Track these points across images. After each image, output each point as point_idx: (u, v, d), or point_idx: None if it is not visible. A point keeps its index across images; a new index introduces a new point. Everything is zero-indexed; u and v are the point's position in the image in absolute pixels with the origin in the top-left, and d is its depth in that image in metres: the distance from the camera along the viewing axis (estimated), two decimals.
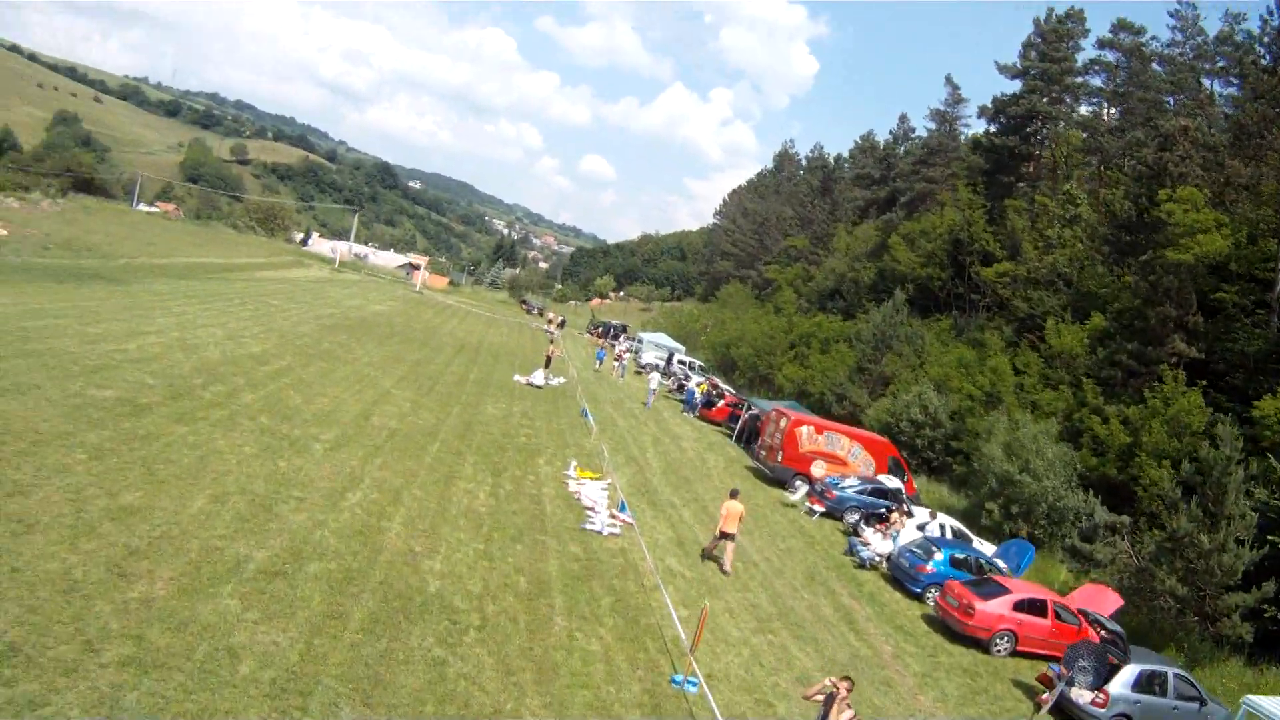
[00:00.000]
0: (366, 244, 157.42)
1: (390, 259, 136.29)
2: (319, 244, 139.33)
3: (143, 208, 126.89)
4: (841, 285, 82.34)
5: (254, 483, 18.89)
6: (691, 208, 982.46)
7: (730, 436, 48.67)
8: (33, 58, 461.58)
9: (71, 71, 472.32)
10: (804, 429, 38.63)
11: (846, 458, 38.76)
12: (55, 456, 16.95)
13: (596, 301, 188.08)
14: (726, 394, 57.56)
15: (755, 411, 47.50)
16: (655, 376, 56.11)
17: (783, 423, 38.80)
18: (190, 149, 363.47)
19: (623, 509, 25.58)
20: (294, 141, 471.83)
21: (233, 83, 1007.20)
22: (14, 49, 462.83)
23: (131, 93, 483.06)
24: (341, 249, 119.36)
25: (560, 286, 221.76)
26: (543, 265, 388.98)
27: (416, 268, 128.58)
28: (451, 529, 20.12)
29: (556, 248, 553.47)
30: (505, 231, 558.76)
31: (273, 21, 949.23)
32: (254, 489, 18.54)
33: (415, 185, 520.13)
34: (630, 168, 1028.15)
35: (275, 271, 69.79)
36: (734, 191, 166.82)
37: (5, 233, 45.03)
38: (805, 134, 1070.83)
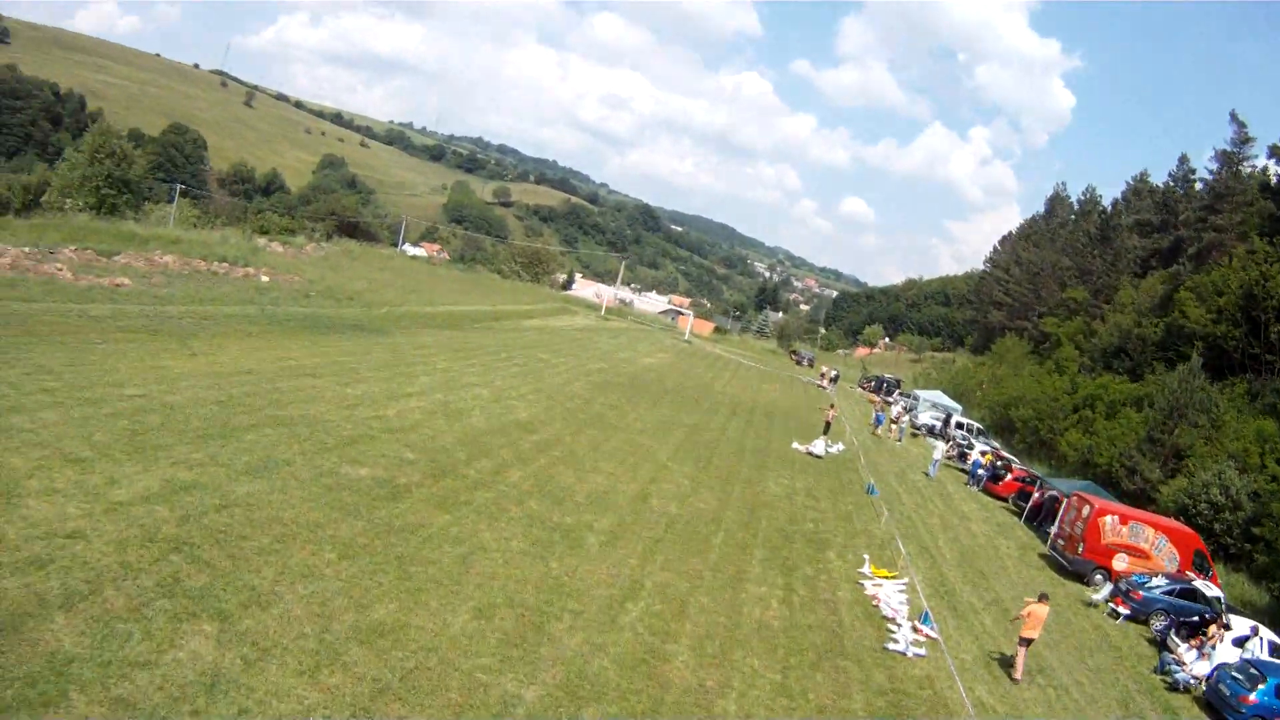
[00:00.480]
0: (630, 285, 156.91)
1: (655, 303, 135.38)
2: (583, 286, 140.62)
3: (408, 249, 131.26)
4: (1127, 343, 75.59)
5: (523, 590, 16.36)
6: (953, 250, 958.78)
7: (1019, 516, 44.61)
8: (299, 105, 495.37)
9: (338, 118, 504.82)
10: (1108, 519, 34.55)
11: (1151, 551, 34.63)
12: (301, 555, 14.89)
13: (864, 350, 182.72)
14: (1013, 466, 53.05)
15: (1053, 493, 43.43)
16: (940, 446, 52.51)
17: (1085, 510, 34.94)
18: (454, 192, 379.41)
19: (925, 620, 22.03)
20: (556, 184, 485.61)
21: (495, 127, 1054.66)
22: (281, 97, 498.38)
23: (396, 137, 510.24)
24: (607, 294, 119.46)
25: (825, 332, 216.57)
26: (804, 308, 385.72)
27: (681, 313, 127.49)
28: (744, 653, 17.01)
29: (818, 290, 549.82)
30: (767, 274, 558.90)
31: (533, 70, 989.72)
32: (523, 599, 15.99)
33: (677, 228, 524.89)
34: (890, 209, 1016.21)
35: (542, 320, 69.20)
36: (1005, 238, 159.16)
37: (268, 279, 45.07)
38: (1065, 172, 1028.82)
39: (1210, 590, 31.66)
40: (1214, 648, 26.25)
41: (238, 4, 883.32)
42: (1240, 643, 27.30)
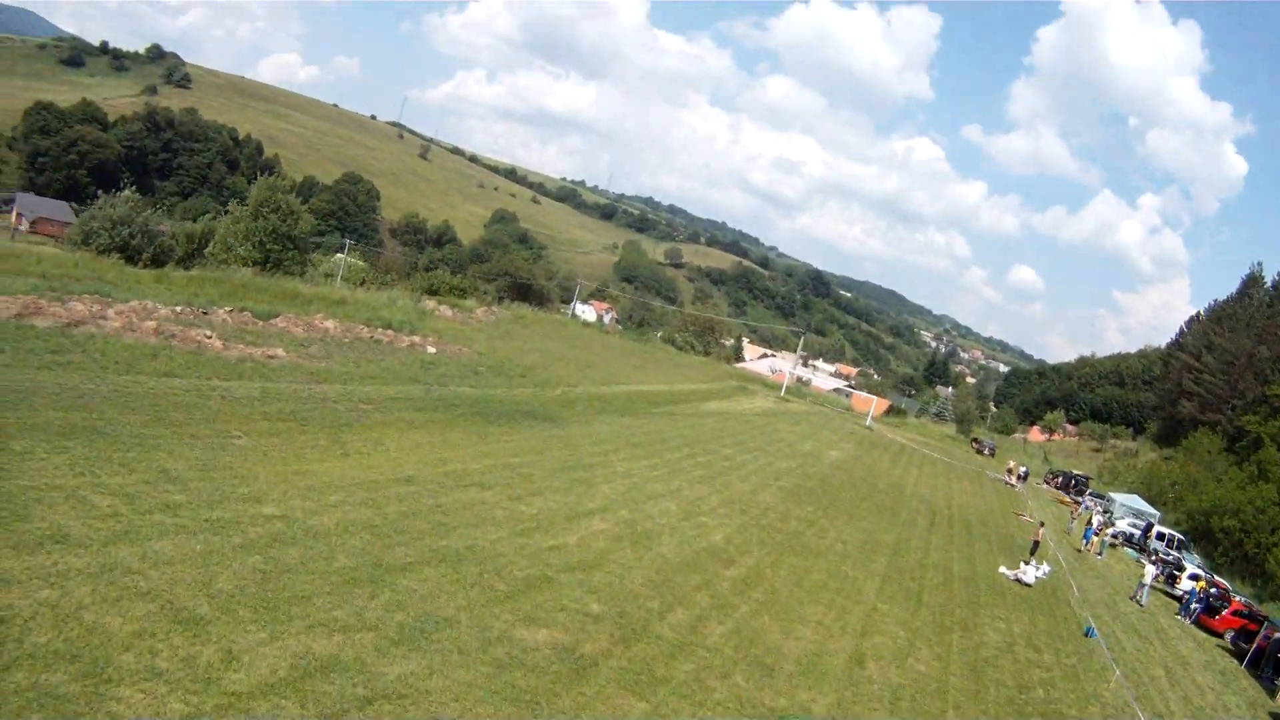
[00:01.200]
0: (799, 352, 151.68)
1: (824, 376, 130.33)
2: (751, 352, 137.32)
3: (577, 306, 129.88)
4: None
5: None
6: (1120, 323, 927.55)
7: (1238, 659, 39.15)
8: (474, 159, 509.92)
9: (511, 173, 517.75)
10: None
11: None
12: None
13: (1038, 434, 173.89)
14: (1232, 597, 47.67)
15: None
16: (1150, 569, 47.83)
17: None
18: (625, 250, 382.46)
19: None
20: (726, 247, 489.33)
21: (665, 187, 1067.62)
22: (457, 150, 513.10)
23: (568, 195, 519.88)
24: (782, 368, 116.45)
25: (996, 410, 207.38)
26: (970, 379, 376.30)
27: (854, 391, 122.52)
28: None
29: (985, 362, 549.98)
30: (933, 344, 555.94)
31: (704, 131, 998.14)
32: None
33: (845, 293, 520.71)
34: (1057, 278, 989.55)
35: (721, 403, 66.08)
36: (1192, 319, 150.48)
37: (434, 350, 43.02)
38: (1234, 243, 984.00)
39: None
40: None
41: (415, 59, 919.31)
42: None
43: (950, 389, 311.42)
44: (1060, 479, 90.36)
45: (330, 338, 39.96)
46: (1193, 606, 45.39)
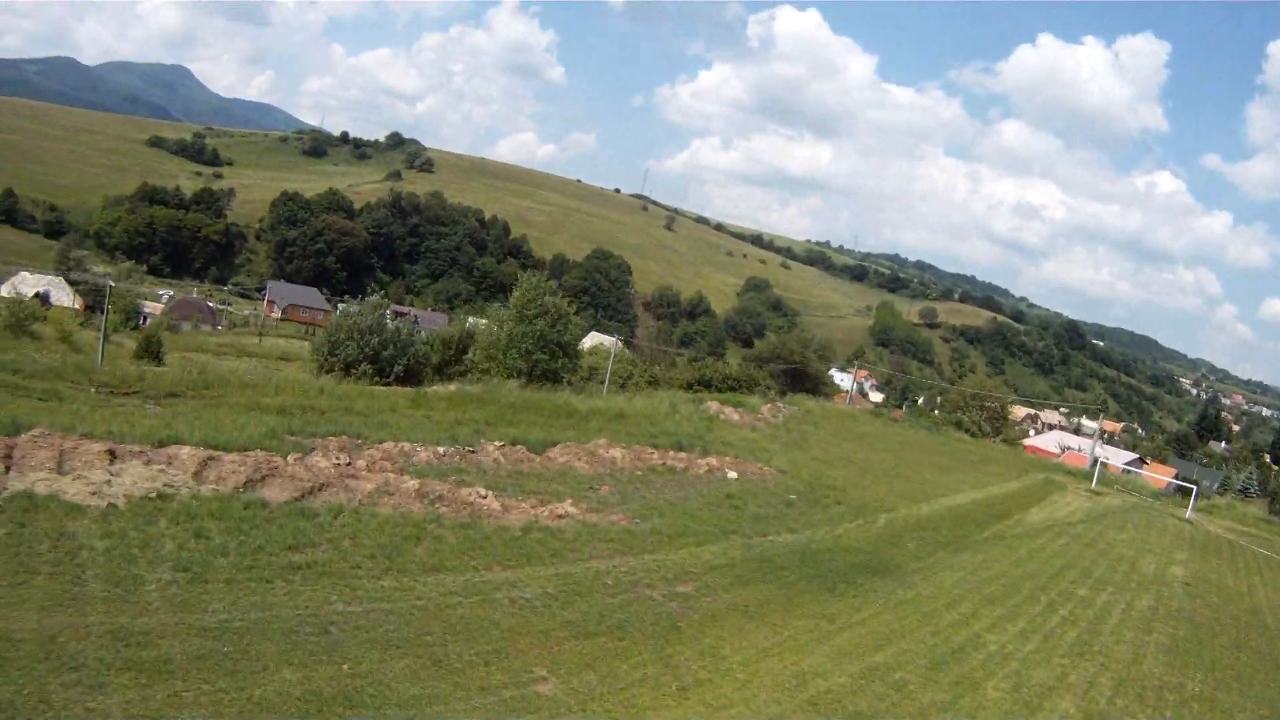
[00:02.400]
0: (1060, 411, 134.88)
1: (1118, 454, 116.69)
2: (1016, 414, 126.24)
3: (834, 376, 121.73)
4: None
5: None
6: None
7: None
8: (719, 227, 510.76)
9: (758, 239, 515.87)
10: None
11: None
12: None
13: None
14: None
15: None
16: None
17: None
18: (879, 313, 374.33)
19: None
20: (979, 302, 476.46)
21: (908, 242, 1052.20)
22: (702, 220, 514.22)
23: (817, 258, 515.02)
24: (1069, 444, 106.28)
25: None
26: (1235, 427, 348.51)
27: (1143, 461, 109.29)
28: None
29: (1247, 407, 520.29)
30: (1194, 391, 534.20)
31: (943, 184, 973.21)
32: None
33: (1098, 342, 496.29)
34: None
35: (1040, 510, 56.73)
36: None
37: (735, 474, 36.28)
38: None
39: None
40: None
41: (651, 131, 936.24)
42: None
43: (1224, 444, 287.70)
44: None
45: (619, 470, 33.65)
46: None
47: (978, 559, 38.32)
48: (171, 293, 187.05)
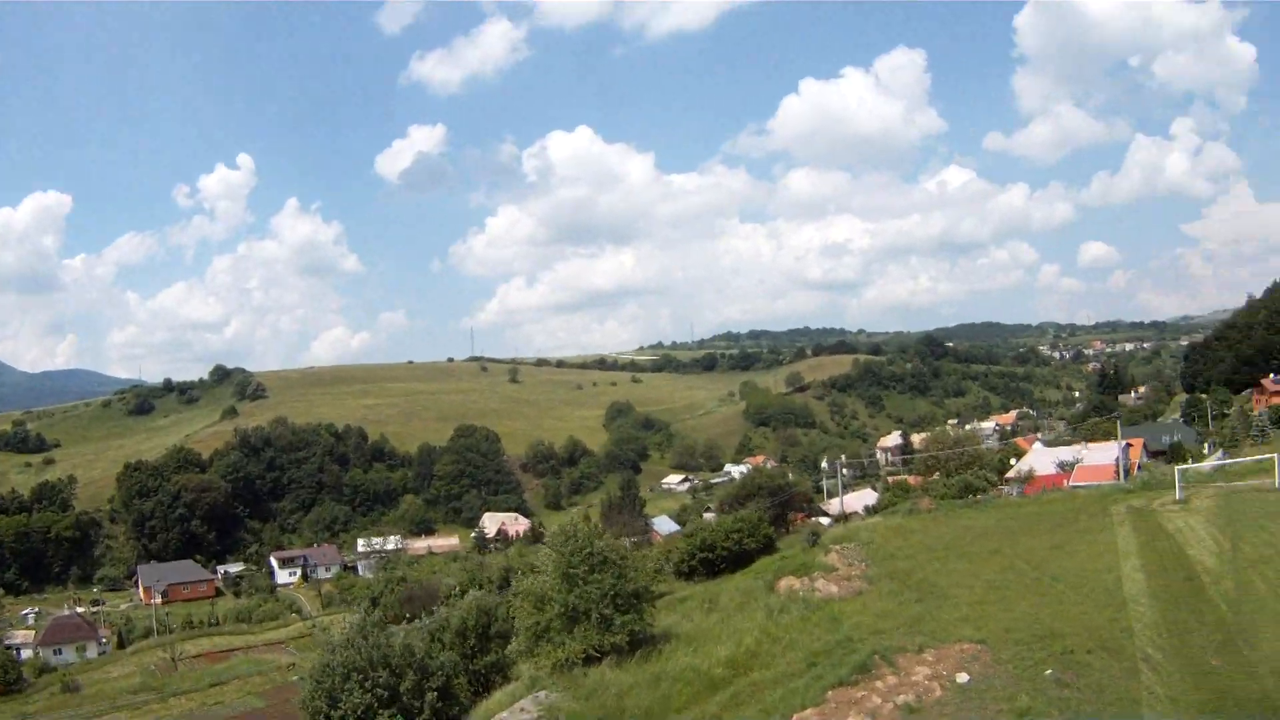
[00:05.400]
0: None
1: (1102, 452, 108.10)
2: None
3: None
4: None
5: None
6: (1200, 251, 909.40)
7: None
8: (560, 364, 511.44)
9: (600, 363, 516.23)
10: None
11: None
12: None
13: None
14: None
15: None
16: None
17: None
18: (746, 395, 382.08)
19: None
20: (833, 349, 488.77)
21: (735, 317, 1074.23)
22: (542, 361, 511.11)
23: (663, 362, 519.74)
24: (1066, 458, 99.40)
25: (1208, 396, 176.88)
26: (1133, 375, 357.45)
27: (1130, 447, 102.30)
28: None
29: (1107, 348, 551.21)
30: (1056, 355, 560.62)
31: (748, 251, 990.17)
32: None
33: (949, 344, 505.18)
34: (1126, 240, 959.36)
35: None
36: None
37: (964, 676, 26.54)
38: (1276, 125, 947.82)
39: None
40: None
41: (457, 290, 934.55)
42: None
43: (1133, 394, 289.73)
44: None
45: None
46: None
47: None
48: (38, 610, 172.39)
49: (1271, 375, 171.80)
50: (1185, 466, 72.15)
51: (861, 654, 31.71)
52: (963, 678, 28.54)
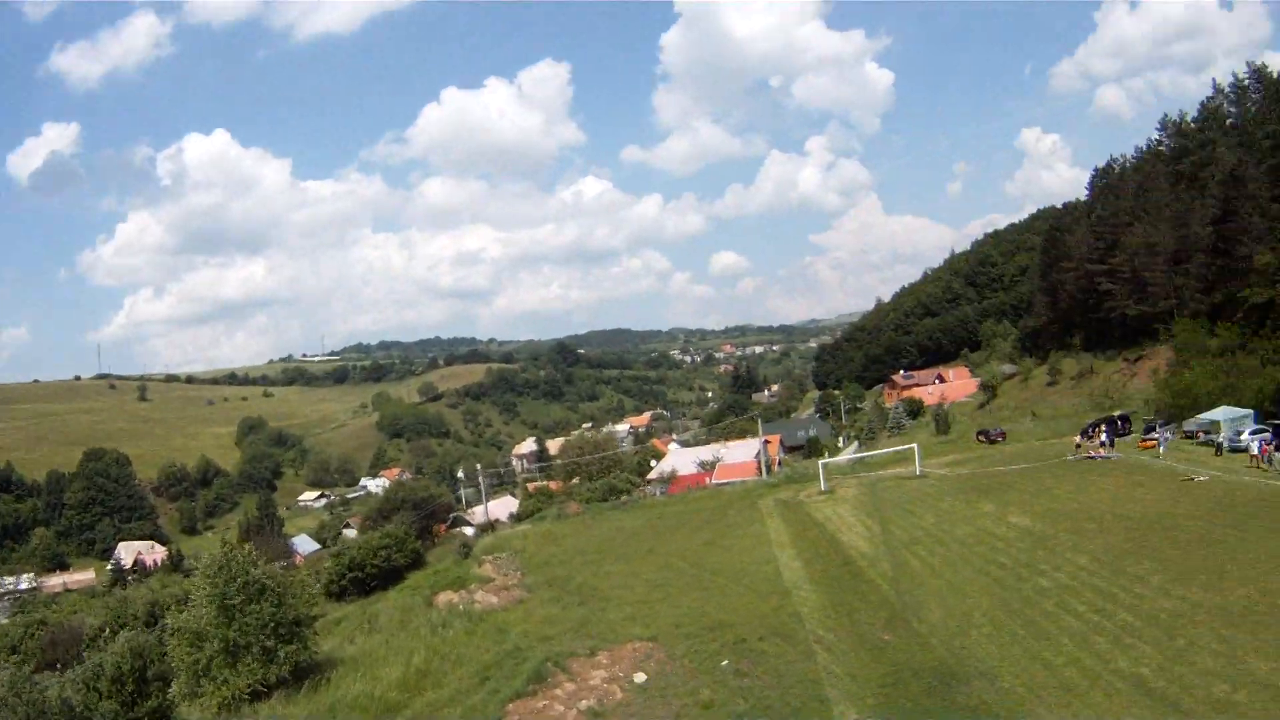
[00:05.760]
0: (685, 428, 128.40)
1: (742, 449, 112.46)
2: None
3: (368, 485, 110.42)
4: None
5: None
6: (828, 260, 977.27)
7: None
8: (190, 380, 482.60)
9: (231, 378, 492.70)
10: None
11: None
12: None
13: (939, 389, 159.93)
14: None
15: None
16: None
17: None
18: (379, 406, 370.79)
19: None
20: (466, 359, 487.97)
21: (366, 327, 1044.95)
22: (172, 377, 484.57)
23: (294, 375, 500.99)
24: (708, 456, 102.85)
25: (838, 393, 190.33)
26: (765, 375, 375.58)
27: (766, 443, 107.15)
28: None
29: (741, 352, 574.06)
30: (686, 359, 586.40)
31: (378, 261, 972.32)
32: None
33: (581, 350, 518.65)
34: (757, 249, 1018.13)
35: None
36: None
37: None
38: (904, 146, 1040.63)
39: None
40: None
41: (86, 303, 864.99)
42: None
43: (766, 392, 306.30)
44: (1104, 426, 72.75)
45: None
46: None
47: None
48: None
49: (901, 371, 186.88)
50: (827, 460, 76.31)
51: (534, 662, 30.85)
52: (640, 677, 28.23)
